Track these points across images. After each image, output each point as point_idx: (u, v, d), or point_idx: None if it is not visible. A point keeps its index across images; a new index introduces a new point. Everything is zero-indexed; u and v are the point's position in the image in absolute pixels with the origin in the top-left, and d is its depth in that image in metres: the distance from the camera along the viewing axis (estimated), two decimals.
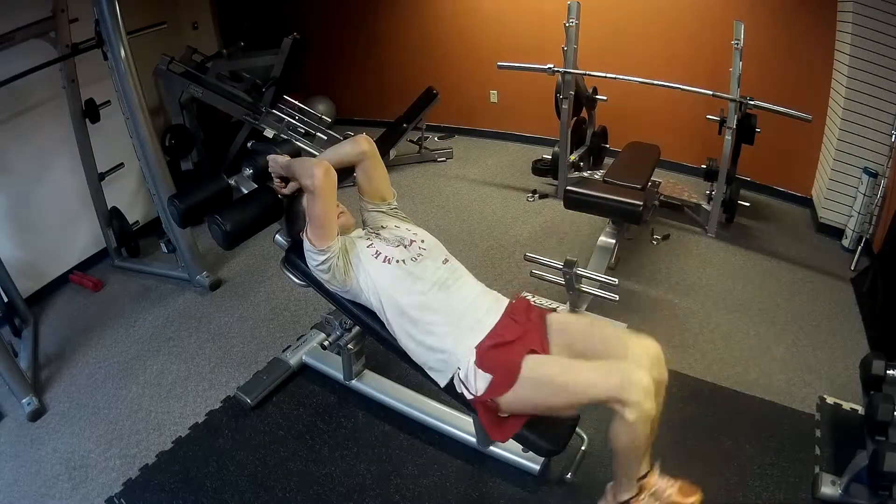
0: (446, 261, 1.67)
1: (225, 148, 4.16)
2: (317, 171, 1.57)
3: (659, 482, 1.50)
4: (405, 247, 1.66)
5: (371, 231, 1.79)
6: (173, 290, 3.09)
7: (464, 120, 5.21)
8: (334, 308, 1.94)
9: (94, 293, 3.13)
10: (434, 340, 1.53)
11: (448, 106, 4.74)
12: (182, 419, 2.21)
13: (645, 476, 1.51)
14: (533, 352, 1.46)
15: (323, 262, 1.62)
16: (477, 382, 1.46)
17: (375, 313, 1.66)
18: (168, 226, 2.97)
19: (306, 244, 1.64)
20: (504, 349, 1.47)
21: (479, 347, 1.49)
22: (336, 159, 1.74)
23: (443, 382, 1.55)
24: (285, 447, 2.06)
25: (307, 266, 1.73)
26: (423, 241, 1.70)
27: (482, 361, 1.46)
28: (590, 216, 2.78)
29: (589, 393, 1.37)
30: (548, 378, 1.42)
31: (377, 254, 1.62)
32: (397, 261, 1.60)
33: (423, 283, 1.57)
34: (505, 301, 1.64)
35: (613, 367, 1.38)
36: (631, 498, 1.49)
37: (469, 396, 1.49)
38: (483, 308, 1.57)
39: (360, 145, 1.78)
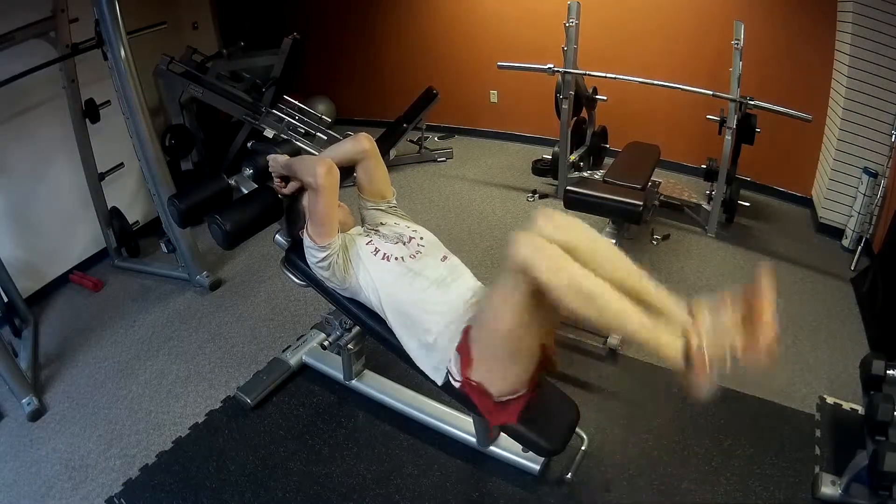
0: (445, 258, 1.67)
1: (225, 148, 4.16)
2: (319, 169, 1.58)
3: (706, 318, 1.20)
4: (404, 244, 1.66)
5: (370, 229, 1.79)
6: (173, 290, 3.09)
7: (464, 120, 5.21)
8: (334, 308, 1.94)
9: (94, 293, 3.13)
10: (432, 338, 1.53)
11: (448, 106, 4.74)
12: (182, 419, 2.21)
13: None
14: None
15: (323, 259, 1.62)
16: (453, 367, 1.48)
17: (375, 313, 1.66)
18: (168, 226, 2.97)
19: (307, 241, 1.65)
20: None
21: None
22: (337, 157, 1.74)
23: (439, 380, 1.56)
24: (285, 447, 2.06)
25: (307, 265, 1.73)
26: (421, 238, 1.71)
27: (458, 348, 1.48)
28: (590, 216, 2.78)
29: (510, 293, 1.27)
30: (485, 316, 1.39)
31: (376, 251, 1.63)
32: (396, 258, 1.61)
33: (422, 280, 1.57)
34: None
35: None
36: (687, 340, 1.18)
37: (457, 385, 1.49)
38: None
39: (362, 143, 1.78)
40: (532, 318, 1.30)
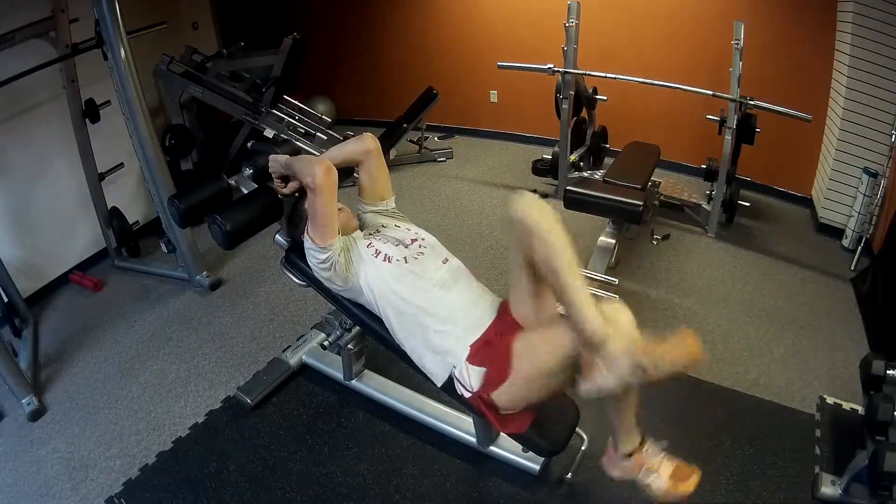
0: (447, 260, 1.67)
1: (225, 148, 4.16)
2: (317, 170, 1.58)
3: (652, 455, 1.47)
4: (405, 246, 1.66)
5: (370, 232, 1.79)
6: (173, 290, 3.09)
7: (464, 120, 5.21)
8: (334, 308, 1.94)
9: (94, 293, 3.13)
10: (433, 339, 1.53)
11: (448, 106, 4.74)
12: (182, 419, 2.21)
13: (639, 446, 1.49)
14: None
15: (324, 261, 1.62)
16: (471, 379, 1.46)
17: (382, 317, 1.65)
18: (168, 226, 2.97)
19: (308, 242, 1.65)
20: (495, 344, 1.47)
21: (472, 346, 1.49)
22: (341, 157, 1.74)
23: (440, 382, 1.56)
24: (285, 447, 2.06)
25: (307, 266, 1.73)
26: (423, 240, 1.71)
27: (474, 358, 1.47)
28: (590, 216, 2.78)
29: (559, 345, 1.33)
30: (530, 353, 1.41)
31: (377, 253, 1.63)
32: (397, 259, 1.60)
33: (423, 281, 1.57)
34: (500, 300, 1.64)
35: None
36: (633, 451, 1.48)
37: (467, 395, 1.49)
38: (482, 307, 1.57)
39: (366, 143, 1.78)
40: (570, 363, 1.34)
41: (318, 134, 3.97)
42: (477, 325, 1.52)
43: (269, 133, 3.82)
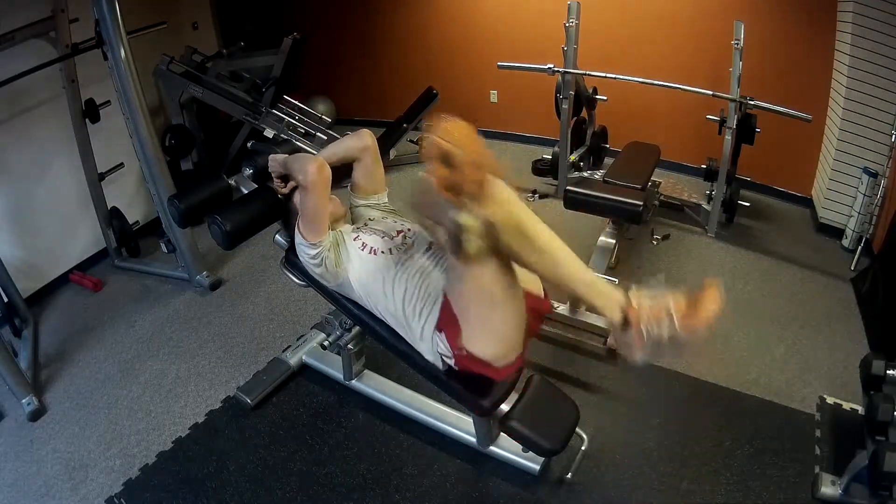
0: (430, 247, 1.64)
1: (225, 148, 4.16)
2: (310, 167, 1.58)
3: (651, 299, 1.19)
4: (391, 238, 1.66)
5: (359, 224, 1.80)
6: (173, 290, 3.09)
7: (464, 120, 5.20)
8: (334, 308, 1.94)
9: (94, 293, 3.13)
10: (419, 327, 1.52)
11: (448, 106, 4.71)
12: (182, 419, 2.21)
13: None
14: None
15: (315, 257, 1.63)
16: (443, 346, 1.45)
17: (375, 313, 1.66)
18: (168, 226, 2.97)
19: (298, 238, 1.66)
20: (444, 304, 1.45)
21: (439, 320, 1.48)
22: (339, 154, 1.75)
23: (440, 365, 1.53)
24: (285, 447, 2.06)
25: None
26: (409, 231, 1.70)
27: (438, 328, 1.45)
28: (590, 216, 2.78)
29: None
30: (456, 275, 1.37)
31: (363, 245, 1.64)
32: (382, 251, 1.61)
33: (406, 270, 1.56)
34: None
35: None
36: (624, 311, 1.20)
37: (452, 362, 1.46)
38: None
39: (364, 140, 1.79)
40: (502, 267, 1.27)
41: (318, 134, 3.97)
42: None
43: (269, 133, 3.82)
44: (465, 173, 1.14)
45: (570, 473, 1.84)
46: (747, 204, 3.46)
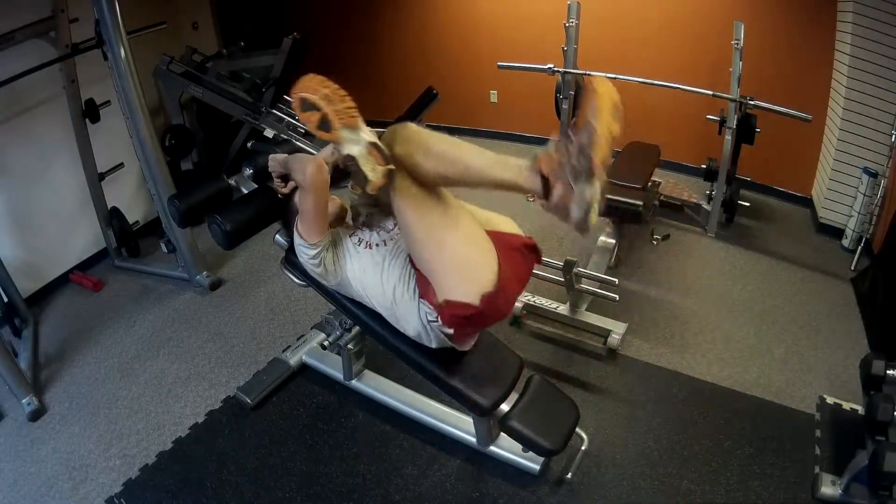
0: None
1: (225, 148, 4.15)
2: (309, 168, 1.58)
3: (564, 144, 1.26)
4: (387, 231, 1.67)
5: (357, 222, 1.80)
6: (173, 290, 3.09)
7: (464, 120, 5.21)
8: (334, 308, 1.94)
9: (94, 293, 3.13)
10: (412, 304, 1.51)
11: (448, 106, 4.72)
12: (182, 419, 2.21)
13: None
14: None
15: (314, 257, 1.63)
16: (428, 310, 1.47)
17: (376, 312, 1.65)
18: (168, 226, 2.97)
19: (297, 238, 1.66)
20: (419, 276, 1.49)
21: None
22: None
23: (434, 343, 1.55)
24: (285, 447, 2.06)
25: None
26: None
27: (421, 294, 1.49)
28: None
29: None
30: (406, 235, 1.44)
31: (359, 241, 1.65)
32: (376, 244, 1.62)
33: (399, 257, 1.57)
34: None
35: None
36: (536, 165, 1.25)
37: (438, 324, 1.47)
38: None
39: None
40: (424, 193, 1.35)
41: None
42: None
43: (269, 133, 3.82)
44: (327, 108, 1.31)
45: (570, 473, 1.84)
46: (747, 204, 3.47)
